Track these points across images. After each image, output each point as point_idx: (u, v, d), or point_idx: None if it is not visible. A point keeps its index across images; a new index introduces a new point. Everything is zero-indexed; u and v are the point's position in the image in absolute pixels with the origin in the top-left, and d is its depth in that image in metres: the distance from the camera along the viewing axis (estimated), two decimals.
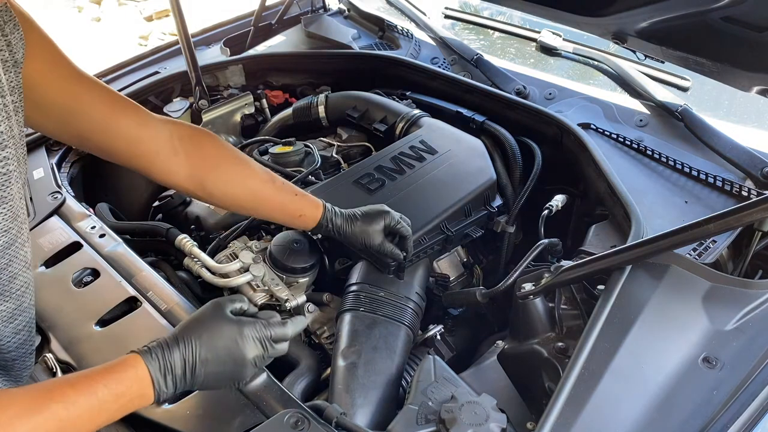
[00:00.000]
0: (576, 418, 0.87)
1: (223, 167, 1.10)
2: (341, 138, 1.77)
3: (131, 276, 1.20)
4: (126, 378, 0.77)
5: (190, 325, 0.85)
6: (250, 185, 1.13)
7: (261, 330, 0.88)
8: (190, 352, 0.82)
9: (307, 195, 1.20)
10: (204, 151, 1.09)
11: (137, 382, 0.78)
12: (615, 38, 1.37)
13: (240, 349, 0.85)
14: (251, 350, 0.86)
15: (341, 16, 2.31)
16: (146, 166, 1.05)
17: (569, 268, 1.09)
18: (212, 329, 0.85)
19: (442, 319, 1.37)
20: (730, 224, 0.96)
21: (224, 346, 0.84)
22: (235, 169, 1.11)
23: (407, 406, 0.92)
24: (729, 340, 0.98)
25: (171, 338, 0.83)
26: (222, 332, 0.85)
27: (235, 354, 0.85)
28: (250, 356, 0.86)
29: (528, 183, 1.47)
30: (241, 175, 1.12)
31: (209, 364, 0.83)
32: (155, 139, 1.03)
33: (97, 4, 5.93)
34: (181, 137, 1.07)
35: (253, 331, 0.87)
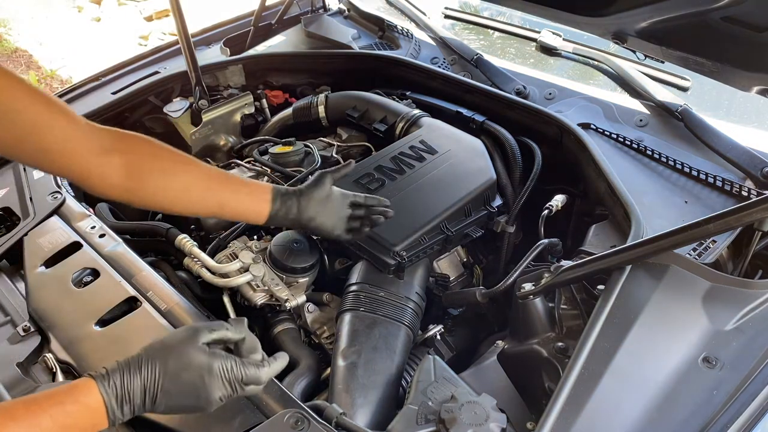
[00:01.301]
0: (576, 418, 0.87)
1: (157, 167, 1.04)
2: (341, 138, 1.77)
3: (131, 276, 1.20)
4: (76, 409, 0.72)
5: (158, 349, 0.80)
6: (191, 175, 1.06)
7: (233, 370, 0.82)
8: (152, 380, 0.77)
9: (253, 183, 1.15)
10: (137, 154, 1.03)
11: (88, 413, 0.73)
12: (615, 38, 1.37)
13: (206, 387, 0.80)
14: (218, 389, 0.81)
15: (341, 16, 2.31)
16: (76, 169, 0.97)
17: (569, 268, 1.09)
18: (180, 359, 0.79)
19: (442, 319, 1.37)
20: (730, 224, 0.96)
21: (190, 381, 0.79)
22: (169, 168, 1.05)
23: (407, 406, 0.92)
24: (729, 340, 0.98)
25: (134, 361, 0.78)
26: (190, 364, 0.79)
27: (200, 390, 0.80)
28: (215, 395, 0.81)
29: (528, 183, 1.47)
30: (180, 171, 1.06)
31: (171, 397, 0.78)
32: (86, 142, 0.97)
33: (97, 4, 5.93)
34: (113, 140, 1.00)
35: (223, 370, 0.82)
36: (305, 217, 1.16)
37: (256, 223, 1.15)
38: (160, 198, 1.05)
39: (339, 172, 1.22)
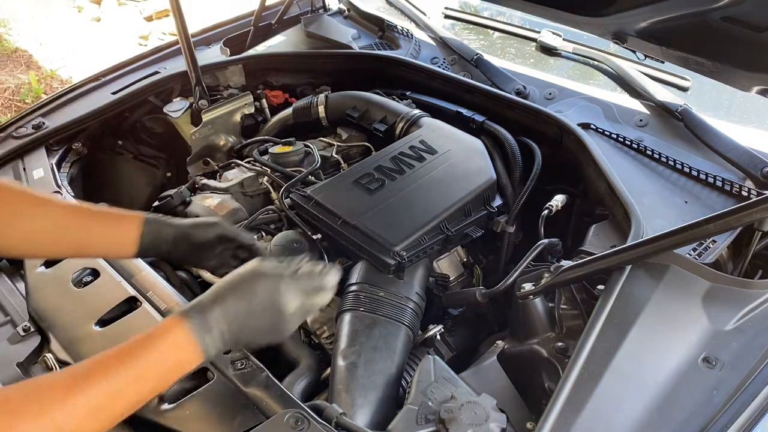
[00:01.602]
0: (576, 418, 0.87)
1: (16, 210, 0.95)
2: (341, 138, 1.77)
3: (131, 276, 1.20)
4: (167, 343, 0.76)
5: (227, 284, 0.85)
6: (50, 220, 0.97)
7: (299, 282, 0.88)
8: (229, 309, 0.81)
9: (120, 213, 1.04)
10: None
11: (180, 346, 0.77)
12: (615, 38, 1.37)
13: (279, 303, 0.85)
14: (291, 303, 0.86)
15: (341, 16, 2.31)
16: None
17: (569, 268, 1.09)
18: (250, 286, 0.84)
19: (442, 319, 1.37)
20: (730, 224, 0.96)
21: (262, 301, 0.84)
22: (22, 200, 0.96)
23: (407, 406, 0.92)
24: (729, 340, 0.98)
25: (210, 297, 0.83)
26: (259, 287, 0.85)
27: (274, 307, 0.85)
28: (290, 309, 0.86)
29: (528, 183, 1.47)
30: (38, 213, 0.97)
31: (249, 319, 0.83)
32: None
33: (97, 4, 5.93)
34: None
35: (290, 284, 0.87)
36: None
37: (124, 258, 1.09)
38: (27, 246, 0.97)
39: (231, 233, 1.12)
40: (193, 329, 0.78)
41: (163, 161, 1.99)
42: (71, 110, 1.75)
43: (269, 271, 0.87)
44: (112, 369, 0.71)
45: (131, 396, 0.73)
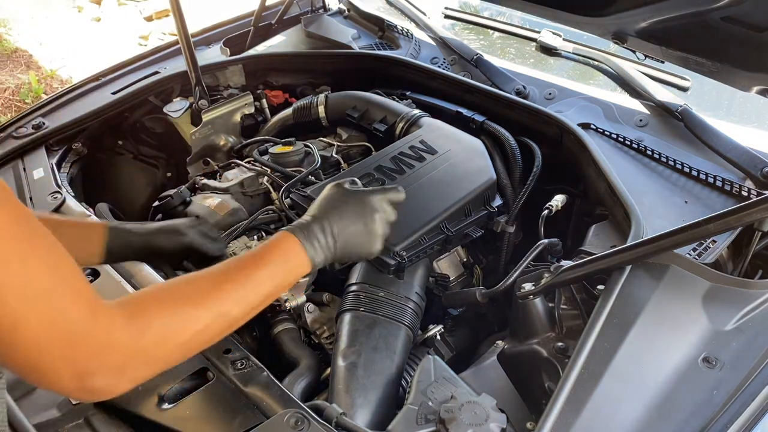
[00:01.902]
0: (576, 418, 0.87)
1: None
2: (341, 138, 1.77)
3: (131, 276, 1.20)
4: (285, 249, 0.89)
5: (319, 205, 0.97)
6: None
7: (379, 195, 0.99)
8: (326, 222, 0.93)
9: (83, 223, 1.09)
10: None
11: (294, 252, 0.89)
12: (615, 38, 1.37)
13: (367, 211, 0.97)
14: (376, 211, 0.98)
15: (341, 16, 2.31)
16: None
17: (569, 268, 1.09)
18: (339, 201, 0.97)
19: (442, 319, 1.37)
20: (730, 224, 0.96)
21: (353, 212, 0.96)
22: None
23: (407, 406, 0.92)
24: (729, 340, 0.98)
25: (307, 217, 0.94)
26: (348, 201, 0.97)
27: (365, 215, 0.97)
28: (377, 218, 0.97)
29: (528, 183, 1.47)
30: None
31: (346, 228, 0.94)
32: None
33: (97, 4, 5.93)
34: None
35: (372, 195, 0.99)
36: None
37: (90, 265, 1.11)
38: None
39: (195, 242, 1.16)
40: (301, 240, 0.90)
41: (163, 161, 1.99)
42: (71, 110, 1.75)
43: (353, 188, 1.00)
44: (247, 270, 0.83)
45: (265, 289, 0.84)
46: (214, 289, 0.78)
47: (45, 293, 0.59)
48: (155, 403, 0.96)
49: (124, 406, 0.97)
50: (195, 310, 0.74)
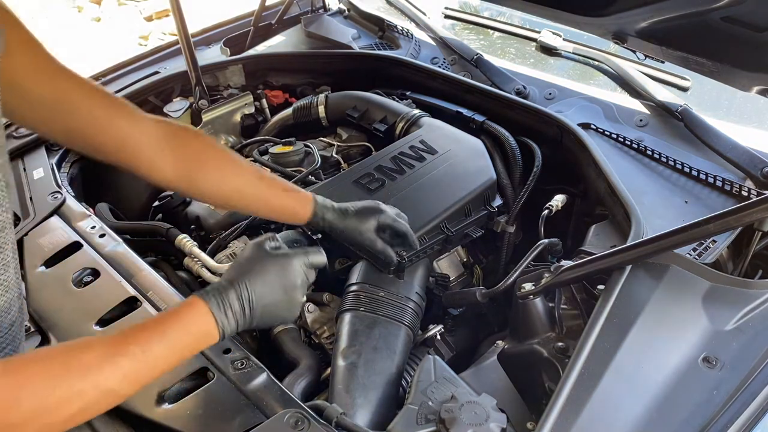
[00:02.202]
0: (576, 418, 0.87)
1: (210, 165, 1.09)
2: (341, 138, 1.77)
3: (131, 276, 1.20)
4: (191, 318, 0.83)
5: (238, 268, 0.92)
6: (238, 182, 1.11)
7: (301, 258, 0.96)
8: (244, 288, 0.88)
9: (298, 190, 1.18)
10: (190, 149, 1.08)
11: (201, 321, 0.84)
12: (615, 38, 1.37)
13: (288, 278, 0.93)
14: (298, 277, 0.94)
15: (341, 16, 2.31)
16: (133, 162, 1.03)
17: (569, 268, 1.09)
18: (259, 266, 0.91)
19: (442, 319, 1.37)
20: (730, 224, 0.96)
21: (273, 278, 0.91)
22: (222, 167, 1.10)
23: (407, 406, 0.92)
24: (729, 340, 0.98)
25: (224, 281, 0.89)
26: (268, 267, 0.92)
27: (285, 283, 0.92)
28: (298, 283, 0.94)
29: (528, 183, 1.47)
30: (229, 173, 1.11)
31: (264, 297, 0.90)
32: (142, 136, 1.02)
33: (97, 4, 5.93)
34: (167, 135, 1.05)
35: (295, 261, 0.94)
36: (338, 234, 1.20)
37: (294, 223, 1.20)
38: (212, 196, 1.13)
39: (388, 219, 1.20)
40: (212, 308, 0.85)
41: None
42: None
43: (274, 251, 0.94)
44: (145, 339, 0.77)
45: (161, 363, 0.79)
46: (106, 364, 0.72)
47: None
48: (155, 403, 0.96)
49: (124, 406, 0.97)
50: (78, 386, 0.68)
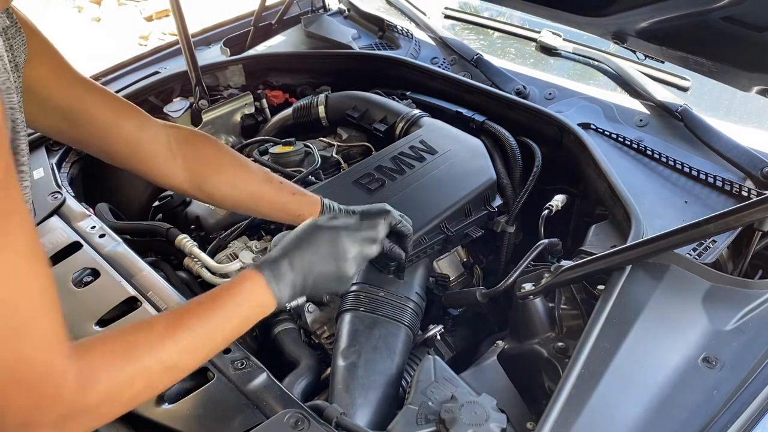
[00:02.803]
0: (576, 418, 0.87)
1: (221, 170, 1.11)
2: (341, 138, 1.77)
3: (131, 276, 1.20)
4: (247, 290, 0.85)
5: (291, 239, 0.93)
6: (248, 187, 1.14)
7: (355, 232, 0.97)
8: (296, 259, 0.89)
9: (305, 193, 1.20)
10: (201, 154, 1.11)
11: (257, 292, 0.86)
12: (615, 38, 1.37)
13: (339, 249, 0.93)
14: (350, 248, 0.94)
15: (341, 16, 2.31)
16: (145, 168, 1.07)
17: (569, 268, 1.09)
18: (312, 236, 0.93)
19: (442, 319, 1.37)
20: (730, 224, 0.96)
21: (325, 249, 0.92)
22: (232, 172, 1.12)
23: (407, 406, 0.92)
24: (729, 340, 0.98)
25: (276, 253, 0.90)
26: (320, 238, 0.93)
27: (336, 254, 0.93)
28: (350, 255, 0.94)
29: (528, 183, 1.47)
30: (239, 177, 1.13)
31: (315, 266, 0.91)
32: (154, 142, 1.04)
33: (97, 4, 5.93)
34: (178, 140, 1.08)
35: (348, 233, 0.95)
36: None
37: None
38: (223, 200, 1.16)
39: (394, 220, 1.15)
40: (267, 279, 0.86)
41: None
42: None
43: (327, 224, 0.96)
44: (203, 314, 0.80)
45: (218, 337, 0.81)
46: (167, 339, 0.74)
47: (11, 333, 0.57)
48: (155, 403, 0.96)
49: None
50: (145, 363, 0.71)
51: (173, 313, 0.79)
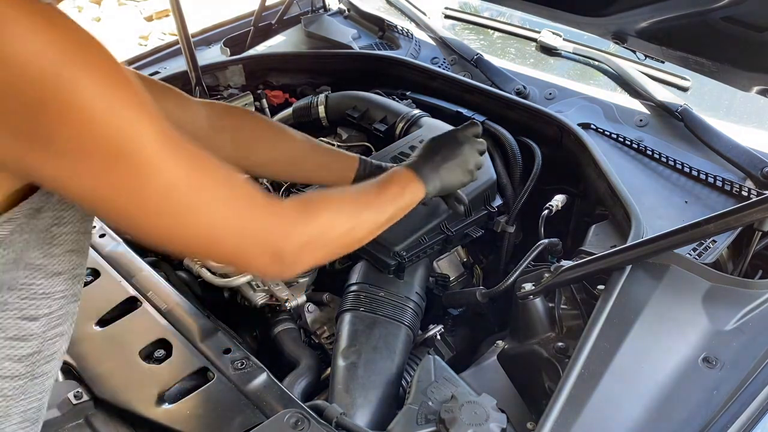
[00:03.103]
0: (576, 418, 0.87)
1: (264, 136, 1.16)
2: (341, 138, 1.77)
3: (131, 276, 1.20)
4: (403, 181, 1.04)
5: (433, 146, 1.15)
6: (290, 151, 1.18)
7: (476, 146, 1.18)
8: (436, 162, 1.11)
9: (342, 152, 1.27)
10: (242, 125, 1.14)
11: (411, 181, 1.06)
12: (615, 38, 1.37)
13: (466, 161, 1.15)
14: (471, 162, 1.16)
15: (341, 16, 2.30)
16: None
17: (569, 268, 1.09)
18: (450, 147, 1.15)
19: (442, 319, 1.37)
20: (730, 224, 0.96)
21: (449, 151, 1.14)
22: (274, 137, 1.17)
23: (407, 406, 0.92)
24: (729, 340, 0.98)
25: (421, 156, 1.13)
26: (443, 143, 1.16)
27: (464, 163, 1.15)
28: (470, 166, 1.16)
29: (528, 183, 1.47)
30: (281, 142, 1.17)
31: (449, 169, 1.12)
32: (196, 119, 1.07)
33: (97, 4, 5.93)
34: (219, 114, 1.12)
35: (473, 148, 1.17)
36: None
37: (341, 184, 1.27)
38: (270, 167, 1.21)
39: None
40: (421, 176, 1.07)
41: None
42: None
43: (461, 138, 1.17)
44: (380, 191, 0.99)
45: (389, 211, 0.99)
46: (371, 196, 0.96)
47: (228, 203, 0.69)
48: (155, 403, 0.96)
49: (124, 406, 0.97)
50: (350, 209, 0.89)
51: (362, 186, 1.01)
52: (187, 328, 1.09)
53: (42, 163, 0.56)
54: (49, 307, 0.71)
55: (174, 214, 0.65)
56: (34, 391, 0.74)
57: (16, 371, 0.70)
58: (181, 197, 0.64)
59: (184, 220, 0.66)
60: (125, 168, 0.59)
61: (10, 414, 0.71)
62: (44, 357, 0.73)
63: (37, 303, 0.69)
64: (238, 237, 0.71)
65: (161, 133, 0.61)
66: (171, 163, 0.62)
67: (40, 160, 0.56)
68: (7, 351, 0.68)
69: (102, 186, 0.59)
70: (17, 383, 0.71)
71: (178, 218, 0.65)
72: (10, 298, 0.66)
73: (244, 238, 0.72)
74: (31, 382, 0.73)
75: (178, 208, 0.65)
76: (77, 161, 0.57)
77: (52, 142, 0.55)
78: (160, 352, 1.05)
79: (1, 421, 0.71)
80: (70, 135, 0.55)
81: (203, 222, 0.67)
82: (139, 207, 0.62)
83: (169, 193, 0.63)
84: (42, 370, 0.74)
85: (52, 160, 0.56)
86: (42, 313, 0.70)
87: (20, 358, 0.70)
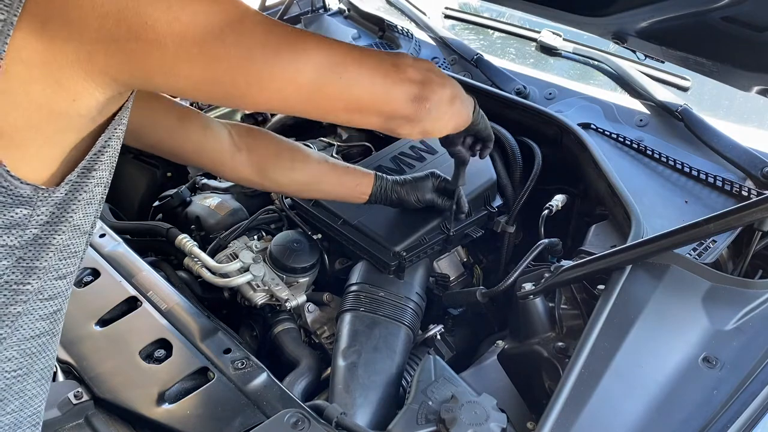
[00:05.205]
0: (576, 418, 0.87)
1: (281, 156, 1.19)
2: (341, 138, 1.77)
3: (131, 276, 1.20)
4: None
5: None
6: (308, 169, 1.21)
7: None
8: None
9: (357, 168, 1.29)
10: (261, 144, 1.18)
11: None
12: (615, 38, 1.37)
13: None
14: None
15: (341, 16, 2.30)
16: (213, 165, 1.14)
17: (569, 268, 1.09)
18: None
19: (442, 319, 1.37)
20: (730, 224, 0.96)
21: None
22: (291, 157, 1.20)
23: (407, 406, 0.92)
24: (729, 340, 0.98)
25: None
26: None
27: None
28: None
29: (528, 183, 1.47)
30: (298, 161, 1.21)
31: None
32: (219, 140, 1.10)
33: None
34: (240, 134, 1.14)
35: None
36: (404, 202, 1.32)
37: (359, 202, 1.30)
38: (288, 186, 1.25)
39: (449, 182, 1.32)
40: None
41: (163, 161, 1.98)
42: None
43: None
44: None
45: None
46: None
47: (373, 78, 0.83)
48: (155, 403, 0.96)
49: (124, 406, 0.97)
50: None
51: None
52: (187, 328, 1.09)
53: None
54: (75, 265, 0.74)
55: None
56: (52, 348, 0.77)
57: (43, 329, 0.73)
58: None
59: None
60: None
61: (31, 371, 0.74)
62: (63, 314, 0.76)
63: (69, 261, 0.72)
64: (383, 97, 0.85)
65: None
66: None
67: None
68: (41, 311, 0.71)
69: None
70: (42, 340, 0.74)
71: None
72: (52, 260, 0.68)
73: (387, 99, 0.86)
74: (51, 339, 0.75)
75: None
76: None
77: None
78: (160, 352, 1.05)
79: (24, 378, 0.73)
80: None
81: (364, 96, 0.84)
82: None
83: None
84: (59, 327, 0.77)
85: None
86: (70, 271, 0.73)
87: (47, 315, 0.72)
